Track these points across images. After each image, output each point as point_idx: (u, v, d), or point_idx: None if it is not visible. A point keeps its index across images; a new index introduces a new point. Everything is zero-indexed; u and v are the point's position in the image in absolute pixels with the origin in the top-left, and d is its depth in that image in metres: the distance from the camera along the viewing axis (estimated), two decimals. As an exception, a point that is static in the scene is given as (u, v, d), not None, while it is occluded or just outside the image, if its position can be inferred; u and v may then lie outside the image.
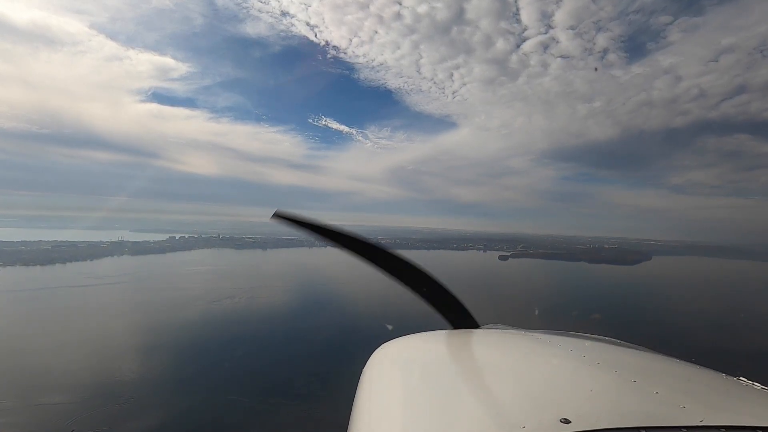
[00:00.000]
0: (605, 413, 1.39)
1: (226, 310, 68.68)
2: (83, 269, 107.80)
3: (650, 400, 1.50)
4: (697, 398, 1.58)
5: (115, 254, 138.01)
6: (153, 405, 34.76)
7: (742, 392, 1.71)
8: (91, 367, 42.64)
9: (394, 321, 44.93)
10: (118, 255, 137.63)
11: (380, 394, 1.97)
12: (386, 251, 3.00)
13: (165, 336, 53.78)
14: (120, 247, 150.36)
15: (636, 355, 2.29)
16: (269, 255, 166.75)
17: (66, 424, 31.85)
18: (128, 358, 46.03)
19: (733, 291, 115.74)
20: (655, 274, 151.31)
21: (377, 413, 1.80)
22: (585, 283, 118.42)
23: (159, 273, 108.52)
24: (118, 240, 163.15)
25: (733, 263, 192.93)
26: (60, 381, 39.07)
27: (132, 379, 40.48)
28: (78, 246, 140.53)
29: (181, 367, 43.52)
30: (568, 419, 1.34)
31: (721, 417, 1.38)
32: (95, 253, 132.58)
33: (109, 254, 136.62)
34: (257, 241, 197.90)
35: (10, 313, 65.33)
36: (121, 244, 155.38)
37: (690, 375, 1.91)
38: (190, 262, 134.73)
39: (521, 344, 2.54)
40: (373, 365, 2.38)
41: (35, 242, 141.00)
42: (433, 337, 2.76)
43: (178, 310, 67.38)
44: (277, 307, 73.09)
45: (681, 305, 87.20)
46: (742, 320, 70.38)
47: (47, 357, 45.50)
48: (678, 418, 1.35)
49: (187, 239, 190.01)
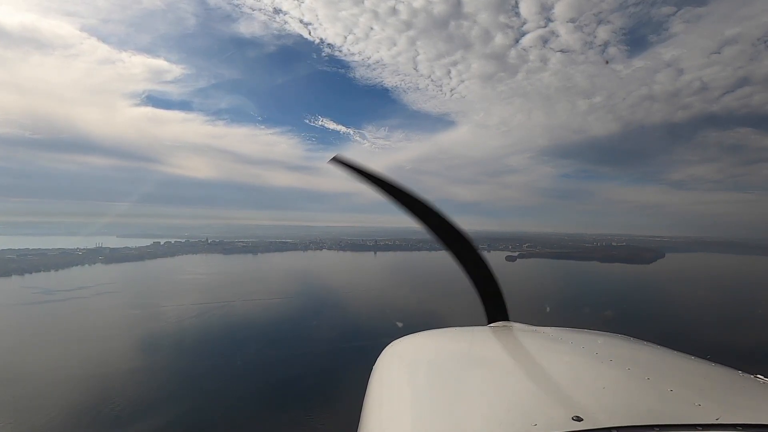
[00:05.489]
0: (618, 411, 1.38)
1: (183, 332, 56.92)
2: (38, 282, 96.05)
3: (664, 398, 1.48)
4: (712, 396, 1.55)
5: (86, 263, 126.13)
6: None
7: (758, 390, 1.68)
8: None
9: (397, 321, 47.03)
10: (90, 263, 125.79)
11: (390, 392, 1.99)
12: (445, 219, 2.94)
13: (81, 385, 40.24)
14: (95, 254, 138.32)
15: (649, 352, 2.28)
16: (259, 260, 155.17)
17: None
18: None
19: (747, 287, 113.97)
20: (672, 272, 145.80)
21: (388, 410, 1.81)
22: (602, 284, 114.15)
23: (125, 285, 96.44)
24: (96, 246, 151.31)
25: (744, 258, 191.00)
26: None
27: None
28: (48, 254, 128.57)
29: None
30: (580, 417, 1.33)
31: (737, 415, 1.35)
32: (64, 262, 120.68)
33: (80, 263, 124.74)
34: (248, 246, 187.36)
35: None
36: (96, 251, 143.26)
37: (705, 372, 1.89)
38: (168, 270, 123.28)
39: (532, 341, 2.55)
40: (383, 363, 2.40)
41: (3, 250, 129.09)
42: (443, 334, 2.82)
43: (115, 340, 53.39)
44: (243, 326, 60.67)
45: (700, 303, 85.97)
46: (758, 316, 69.33)
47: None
48: (693, 416, 1.32)
49: (173, 244, 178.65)
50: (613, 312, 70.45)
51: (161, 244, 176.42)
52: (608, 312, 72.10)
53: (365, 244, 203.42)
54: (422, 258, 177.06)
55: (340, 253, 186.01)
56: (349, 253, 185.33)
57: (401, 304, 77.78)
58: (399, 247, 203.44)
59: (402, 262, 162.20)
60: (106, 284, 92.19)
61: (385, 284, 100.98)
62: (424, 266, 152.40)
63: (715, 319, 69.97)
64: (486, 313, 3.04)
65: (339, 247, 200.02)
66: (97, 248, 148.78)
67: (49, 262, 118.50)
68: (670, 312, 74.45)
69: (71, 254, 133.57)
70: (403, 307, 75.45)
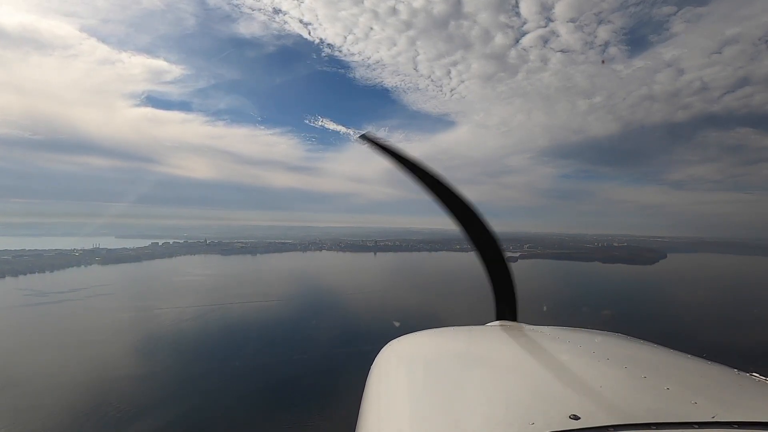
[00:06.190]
0: (615, 410, 1.39)
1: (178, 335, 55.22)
2: (32, 283, 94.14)
3: (661, 397, 1.49)
4: (708, 394, 1.56)
5: (82, 264, 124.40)
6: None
7: (754, 388, 1.69)
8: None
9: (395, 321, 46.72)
10: (85, 265, 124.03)
11: (388, 391, 1.99)
12: (475, 214, 2.93)
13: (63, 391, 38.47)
14: (92, 255, 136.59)
15: (646, 351, 2.27)
16: (258, 261, 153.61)
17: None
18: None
19: (748, 287, 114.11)
20: (675, 272, 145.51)
21: (386, 410, 1.81)
22: (606, 285, 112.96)
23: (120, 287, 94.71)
24: (93, 247, 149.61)
25: (744, 259, 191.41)
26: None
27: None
28: (44, 255, 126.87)
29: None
30: (577, 415, 1.33)
31: (734, 413, 1.36)
32: (60, 263, 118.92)
33: (76, 264, 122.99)
34: (246, 246, 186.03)
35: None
36: (93, 252, 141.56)
37: (701, 371, 1.89)
38: (165, 271, 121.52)
39: (529, 340, 2.56)
40: (381, 362, 2.39)
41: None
42: (440, 333, 2.81)
43: (107, 344, 51.31)
44: (241, 329, 59.02)
45: (704, 304, 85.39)
46: (759, 316, 70.04)
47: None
48: (689, 415, 1.33)
49: (171, 245, 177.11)
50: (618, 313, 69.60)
51: (159, 244, 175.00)
52: (606, 311, 72.55)
53: (365, 245, 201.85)
54: (422, 259, 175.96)
55: (340, 253, 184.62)
56: (348, 253, 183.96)
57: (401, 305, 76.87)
58: (399, 247, 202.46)
59: (402, 263, 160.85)
60: (101, 286, 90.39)
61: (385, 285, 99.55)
62: (424, 267, 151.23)
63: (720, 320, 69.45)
64: (496, 312, 3.03)
65: (339, 247, 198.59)
66: (94, 249, 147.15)
67: (45, 263, 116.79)
68: (675, 314, 73.79)
69: (68, 255, 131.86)
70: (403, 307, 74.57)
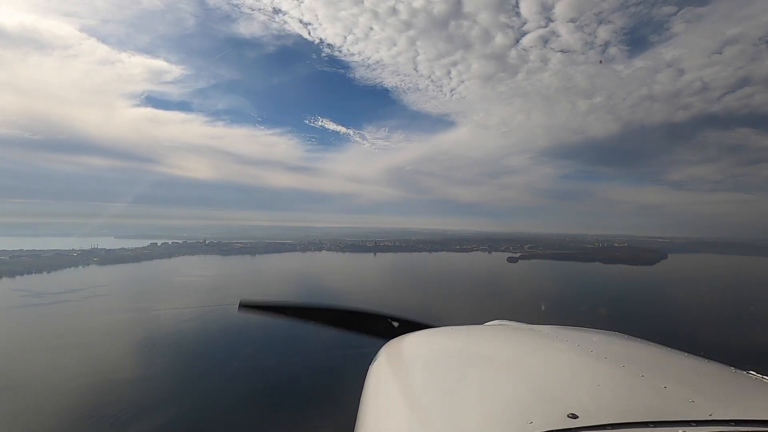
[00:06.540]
0: (613, 408, 1.38)
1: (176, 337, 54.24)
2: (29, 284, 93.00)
3: (658, 395, 1.48)
4: (705, 392, 1.55)
5: (80, 264, 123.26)
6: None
7: (751, 386, 1.69)
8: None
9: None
10: (83, 265, 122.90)
11: (387, 390, 1.99)
12: (352, 311, 3.32)
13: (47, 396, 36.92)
14: (90, 255, 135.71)
15: (644, 350, 2.27)
16: (258, 261, 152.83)
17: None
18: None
19: (748, 287, 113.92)
20: (676, 273, 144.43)
21: (384, 410, 1.81)
22: (607, 286, 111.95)
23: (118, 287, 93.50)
24: (92, 248, 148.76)
25: (744, 259, 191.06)
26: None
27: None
28: (42, 255, 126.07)
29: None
30: (575, 414, 1.33)
31: (731, 411, 1.36)
32: (57, 264, 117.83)
33: (74, 264, 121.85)
34: (246, 247, 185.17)
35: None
36: (92, 253, 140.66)
37: (698, 369, 1.89)
38: (164, 271, 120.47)
39: (528, 339, 2.56)
40: (380, 362, 2.39)
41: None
42: (439, 333, 2.81)
43: (103, 346, 50.12)
44: (240, 330, 57.67)
45: (706, 305, 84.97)
46: (759, 317, 70.51)
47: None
48: (687, 413, 1.33)
49: (170, 246, 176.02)
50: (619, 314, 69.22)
51: (158, 245, 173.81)
52: (603, 309, 72.69)
53: (365, 245, 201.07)
54: (422, 259, 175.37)
55: (340, 254, 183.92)
56: (348, 254, 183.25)
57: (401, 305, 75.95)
58: (399, 247, 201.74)
59: (402, 263, 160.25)
60: (99, 286, 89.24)
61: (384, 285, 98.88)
62: (424, 267, 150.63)
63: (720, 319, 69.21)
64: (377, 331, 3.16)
65: (338, 248, 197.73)
66: (92, 249, 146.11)
67: (43, 263, 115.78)
68: (677, 315, 73.30)
69: (66, 255, 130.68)
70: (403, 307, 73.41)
